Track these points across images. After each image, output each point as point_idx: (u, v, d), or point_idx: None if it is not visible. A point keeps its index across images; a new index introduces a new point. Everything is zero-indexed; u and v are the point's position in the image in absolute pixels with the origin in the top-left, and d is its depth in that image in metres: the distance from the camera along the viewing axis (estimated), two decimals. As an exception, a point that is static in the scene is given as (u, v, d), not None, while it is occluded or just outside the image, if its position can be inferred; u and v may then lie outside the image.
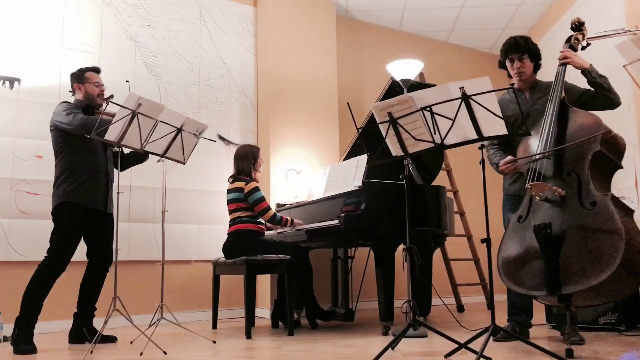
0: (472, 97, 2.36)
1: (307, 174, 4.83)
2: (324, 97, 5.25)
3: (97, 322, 3.26)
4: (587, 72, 2.88)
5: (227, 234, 3.76)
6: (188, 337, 3.46)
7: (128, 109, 2.91)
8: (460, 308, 5.06)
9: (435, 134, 2.56)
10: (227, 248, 3.72)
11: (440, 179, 4.92)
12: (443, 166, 5.23)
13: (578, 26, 3.06)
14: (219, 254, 3.86)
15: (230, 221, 3.78)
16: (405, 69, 3.68)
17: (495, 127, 2.40)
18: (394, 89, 3.93)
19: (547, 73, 3.19)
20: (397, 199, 3.34)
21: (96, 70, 3.45)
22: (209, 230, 4.69)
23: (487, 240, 2.39)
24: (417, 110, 2.55)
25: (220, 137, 4.93)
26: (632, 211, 2.58)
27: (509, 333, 2.60)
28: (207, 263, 4.35)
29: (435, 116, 2.51)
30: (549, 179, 2.69)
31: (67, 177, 3.21)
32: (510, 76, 3.14)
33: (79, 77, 3.39)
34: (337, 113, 5.28)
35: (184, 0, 4.93)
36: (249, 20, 5.26)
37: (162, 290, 3.34)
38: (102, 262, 3.36)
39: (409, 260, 2.66)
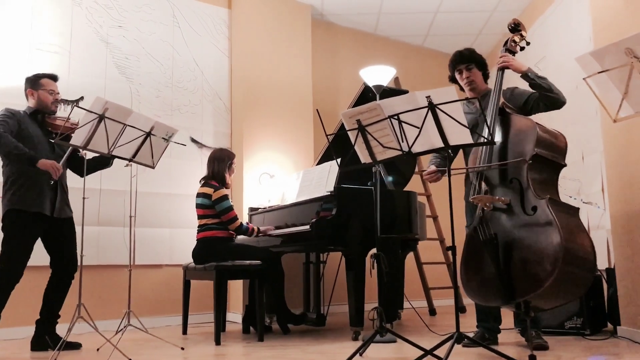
0: (439, 106, 2.38)
1: (280, 177, 4.81)
2: (299, 101, 5.24)
3: (62, 329, 3.20)
4: (526, 75, 2.92)
5: (196, 240, 3.73)
6: (156, 343, 3.41)
7: (94, 113, 2.87)
8: (432, 312, 5.09)
9: (402, 141, 2.58)
10: (197, 255, 3.69)
11: (414, 183, 4.96)
12: (416, 170, 5.27)
13: (515, 27, 3.10)
14: (190, 258, 3.82)
15: (198, 227, 3.75)
16: (378, 75, 3.68)
17: (461, 136, 2.43)
18: (366, 94, 3.94)
19: (514, 80, 3.22)
20: (369, 205, 3.35)
21: (53, 77, 3.38)
22: (181, 234, 4.65)
23: (452, 248, 2.41)
24: (385, 118, 2.56)
25: (193, 140, 4.89)
26: (577, 209, 2.64)
27: (473, 341, 2.62)
28: (179, 267, 4.30)
29: (403, 124, 2.53)
30: (495, 187, 2.75)
31: (11, 184, 3.16)
32: (462, 89, 3.19)
33: (34, 82, 3.32)
34: (312, 116, 5.28)
35: (157, 2, 4.88)
36: (223, 22, 5.22)
37: (129, 296, 3.30)
38: (64, 273, 3.29)
39: (376, 267, 2.67)
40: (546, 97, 2.92)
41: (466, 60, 3.13)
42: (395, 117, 2.52)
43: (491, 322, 3.13)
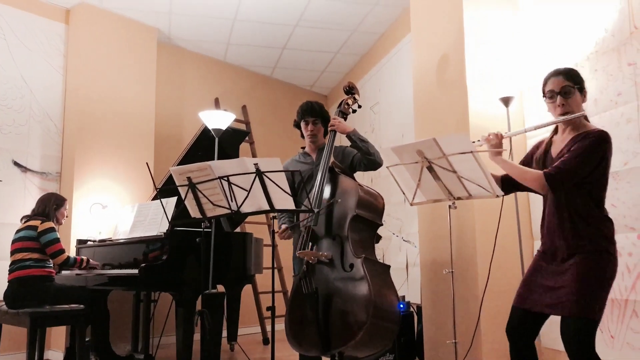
0: (265, 173, 2.51)
1: (114, 208, 4.62)
2: (140, 126, 5.07)
3: None
4: (350, 137, 3.18)
5: (8, 281, 3.43)
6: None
7: None
8: (266, 340, 5.25)
9: (232, 201, 2.66)
10: (10, 298, 3.40)
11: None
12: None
13: (349, 90, 3.37)
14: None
15: (10, 265, 3.46)
16: (217, 119, 3.73)
17: (285, 201, 2.58)
18: (205, 135, 3.96)
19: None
20: (201, 249, 3.37)
21: None
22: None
23: (272, 309, 2.54)
24: (216, 179, 2.63)
25: (16, 164, 4.49)
26: (388, 267, 2.94)
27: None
28: (-9, 305, 3.92)
29: (233, 186, 2.62)
30: (321, 241, 2.96)
31: None
32: (303, 137, 3.39)
33: None
34: (154, 144, 5.15)
35: (-21, 10, 4.42)
36: (59, 38, 4.87)
37: None
38: None
39: (199, 324, 2.71)
40: (366, 159, 3.20)
41: (315, 114, 3.29)
42: (225, 178, 2.60)
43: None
